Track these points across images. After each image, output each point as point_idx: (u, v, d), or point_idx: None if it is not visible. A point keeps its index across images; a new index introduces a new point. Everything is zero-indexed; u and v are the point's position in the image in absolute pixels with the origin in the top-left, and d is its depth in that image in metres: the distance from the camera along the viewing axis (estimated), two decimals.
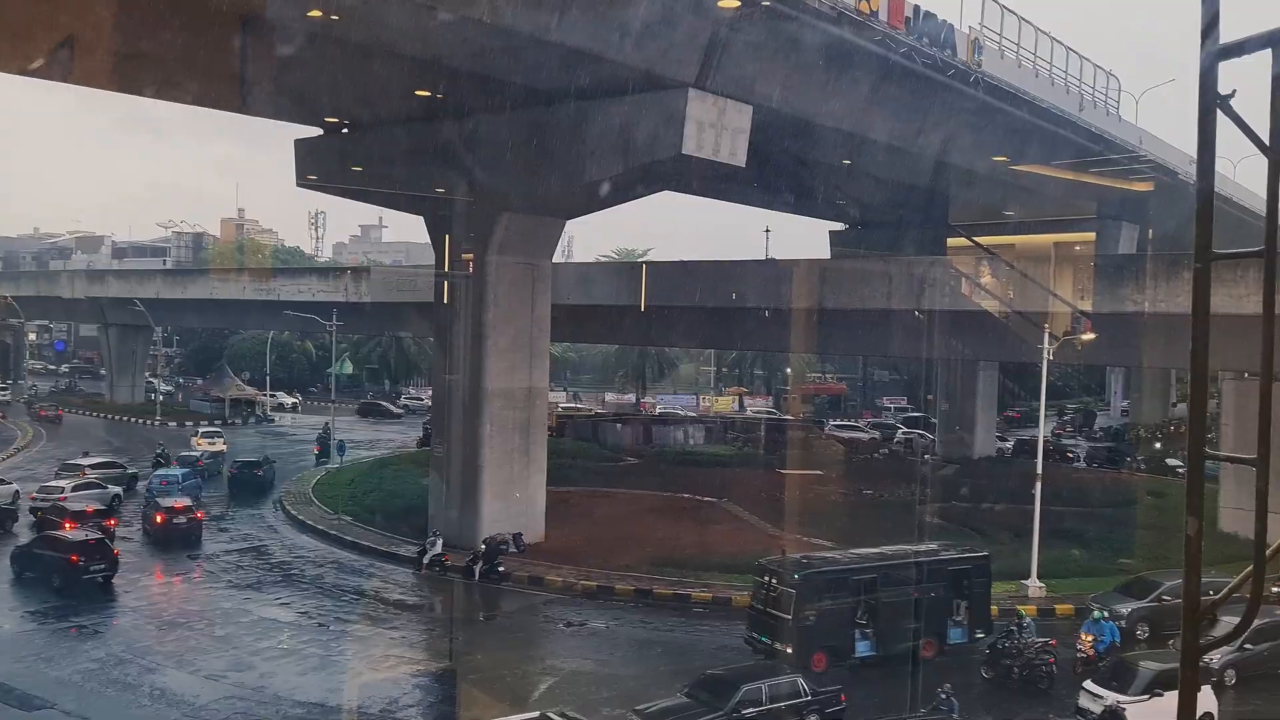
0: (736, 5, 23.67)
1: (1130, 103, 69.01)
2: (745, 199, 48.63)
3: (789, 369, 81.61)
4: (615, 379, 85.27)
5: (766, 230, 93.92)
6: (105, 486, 37.42)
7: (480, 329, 31.48)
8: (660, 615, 26.78)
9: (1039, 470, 28.99)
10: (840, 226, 53.63)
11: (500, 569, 28.91)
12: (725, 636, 24.38)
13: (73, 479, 37.24)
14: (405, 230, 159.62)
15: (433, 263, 35.09)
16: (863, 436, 59.54)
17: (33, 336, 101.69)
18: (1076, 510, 35.96)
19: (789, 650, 21.39)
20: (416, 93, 28.66)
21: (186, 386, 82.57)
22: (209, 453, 47.05)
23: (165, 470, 40.20)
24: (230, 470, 43.42)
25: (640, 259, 70.52)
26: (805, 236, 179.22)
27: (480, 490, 31.44)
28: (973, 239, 39.36)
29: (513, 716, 17.50)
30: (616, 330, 51.84)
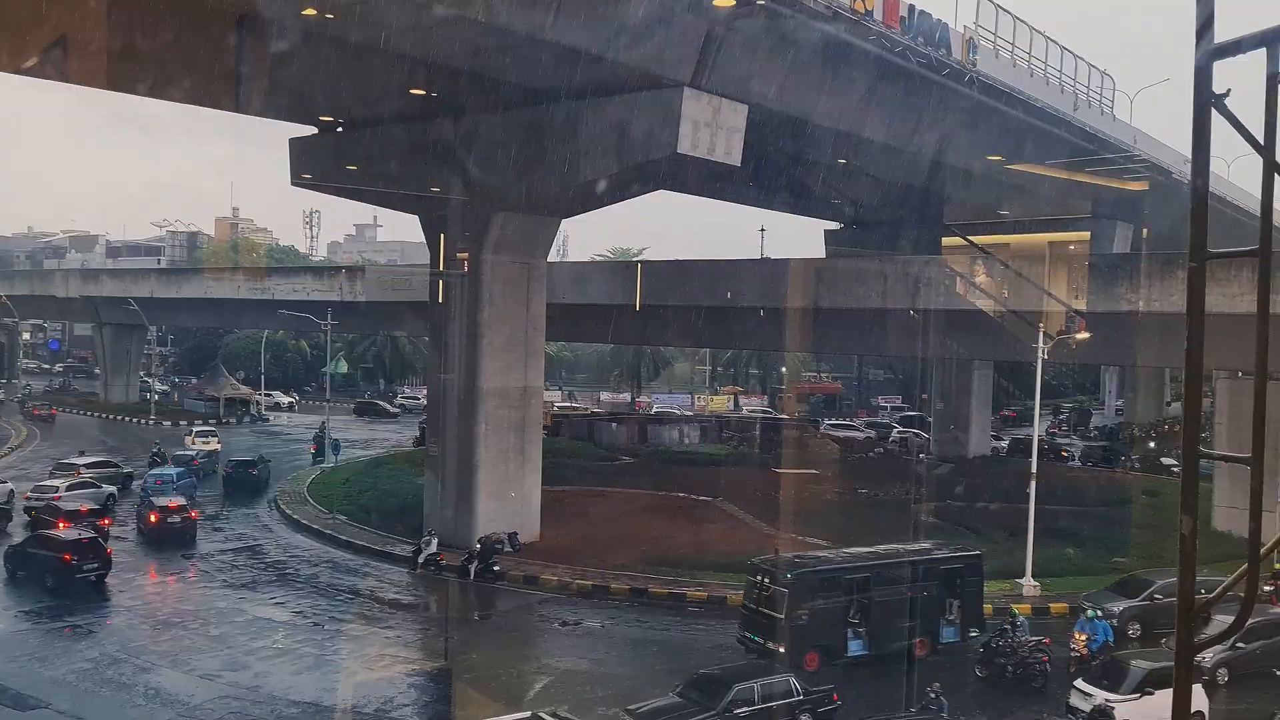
0: (732, 3, 23.68)
1: (1125, 102, 69.03)
2: (740, 198, 48.61)
3: (784, 368, 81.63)
4: (610, 378, 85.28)
5: (761, 229, 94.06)
6: (100, 486, 37.40)
7: (475, 328, 31.46)
8: (655, 614, 26.79)
9: (1034, 469, 29.05)
10: (835, 225, 53.62)
11: (495, 568, 28.90)
12: (720, 636, 24.36)
13: (67, 478, 37.25)
14: (400, 229, 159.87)
15: (427, 262, 35.08)
16: (858, 436, 59.60)
17: (27, 336, 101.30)
18: (1071, 509, 36.03)
19: (782, 649, 21.41)
20: (411, 92, 28.60)
21: (181, 386, 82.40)
22: (204, 452, 46.99)
23: (160, 469, 40.16)
24: (225, 469, 43.41)
25: (635, 258, 70.52)
26: (800, 235, 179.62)
27: (475, 489, 31.44)
28: (968, 238, 39.39)
29: (504, 717, 17.48)
30: (612, 329, 51.73)
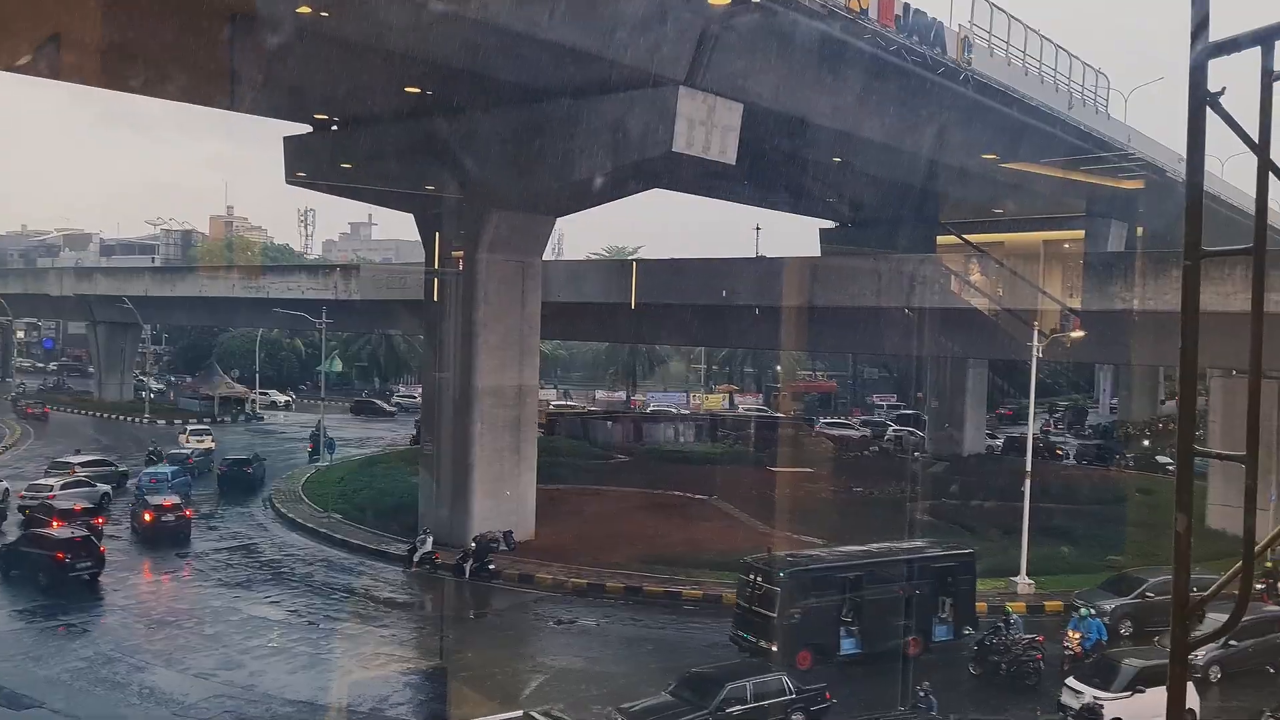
0: (727, 2, 23.66)
1: (1119, 101, 69.28)
2: (736, 196, 48.60)
3: (779, 366, 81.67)
4: (606, 377, 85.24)
5: (757, 228, 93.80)
6: (94, 484, 37.31)
7: (470, 327, 31.43)
8: (650, 613, 26.80)
9: (1028, 467, 29.09)
10: (830, 224, 53.62)
11: (490, 567, 28.88)
12: (715, 634, 24.36)
13: (62, 477, 37.15)
14: (395, 228, 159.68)
15: (423, 260, 35.02)
16: (853, 434, 59.68)
17: (20, 334, 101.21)
18: (1066, 507, 36.09)
19: (774, 648, 21.42)
20: (406, 90, 28.55)
21: (176, 384, 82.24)
22: (199, 450, 46.91)
23: (154, 468, 40.08)
24: (220, 468, 43.30)
25: (631, 256, 70.55)
26: (795, 234, 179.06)
27: (471, 488, 31.42)
28: (963, 237, 39.48)
29: (496, 716, 17.47)
30: (607, 328, 51.86)
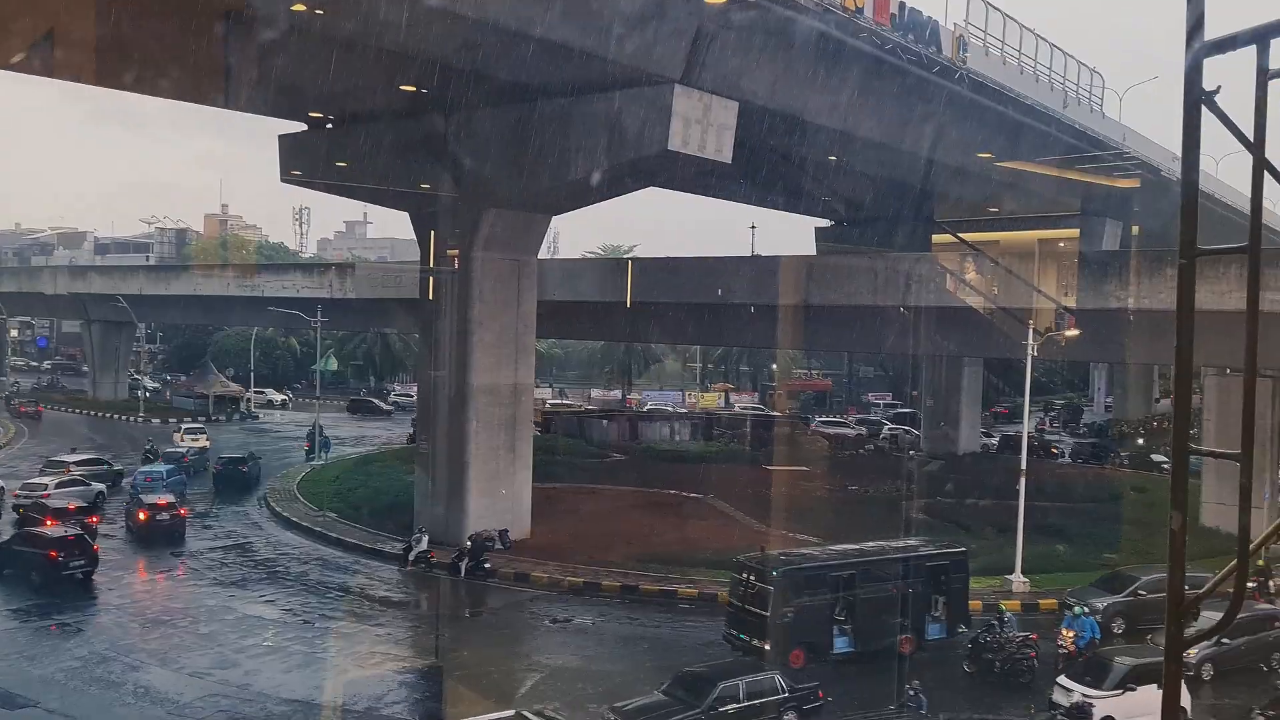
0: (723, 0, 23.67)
1: (1115, 99, 69.41)
2: (731, 195, 48.63)
3: (775, 365, 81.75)
4: (601, 375, 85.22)
5: (752, 226, 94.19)
6: (89, 483, 37.22)
7: (466, 325, 31.40)
8: (646, 611, 26.79)
9: (1023, 466, 29.12)
10: (826, 223, 53.69)
11: (486, 565, 28.85)
12: (711, 632, 24.35)
13: (56, 475, 37.06)
14: (390, 226, 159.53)
15: (418, 258, 34.98)
16: (848, 432, 59.73)
17: (14, 333, 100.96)
18: (1061, 505, 36.14)
19: (767, 647, 21.42)
20: (401, 88, 28.53)
21: (171, 383, 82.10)
22: (194, 449, 46.84)
23: (149, 467, 40.01)
24: (215, 467, 43.22)
25: (626, 255, 70.57)
26: (791, 233, 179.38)
27: (466, 486, 31.40)
28: (958, 235, 39.49)
29: (489, 715, 17.45)
30: (602, 326, 51.80)
